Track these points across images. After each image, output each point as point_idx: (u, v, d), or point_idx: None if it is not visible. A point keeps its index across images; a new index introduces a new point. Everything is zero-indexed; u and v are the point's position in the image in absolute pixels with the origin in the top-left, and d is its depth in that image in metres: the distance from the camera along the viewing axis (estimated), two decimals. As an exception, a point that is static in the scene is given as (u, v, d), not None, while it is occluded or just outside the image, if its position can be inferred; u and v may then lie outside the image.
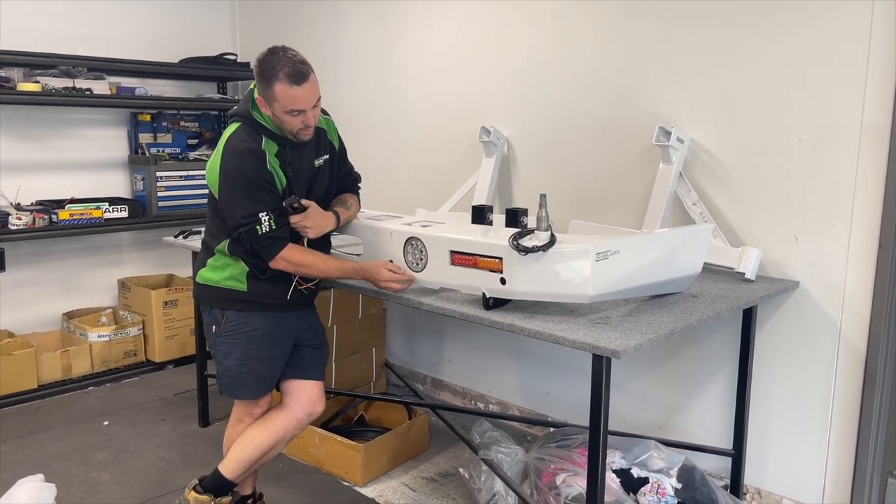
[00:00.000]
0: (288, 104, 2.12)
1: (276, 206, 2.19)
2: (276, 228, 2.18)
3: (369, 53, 4.03)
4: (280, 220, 2.20)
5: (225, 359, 2.35)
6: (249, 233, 2.17)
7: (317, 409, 2.45)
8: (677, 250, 2.20)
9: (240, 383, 2.36)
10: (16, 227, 3.75)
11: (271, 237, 2.18)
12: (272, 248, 2.20)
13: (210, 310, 2.38)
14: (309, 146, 2.34)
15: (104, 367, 4.14)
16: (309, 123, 2.20)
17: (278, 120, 2.18)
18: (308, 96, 2.14)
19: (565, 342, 1.90)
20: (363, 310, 3.81)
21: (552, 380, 3.42)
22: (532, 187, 3.34)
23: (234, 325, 2.32)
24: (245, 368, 2.34)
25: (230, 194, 2.18)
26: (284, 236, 2.22)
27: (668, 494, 2.46)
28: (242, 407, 2.45)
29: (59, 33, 4.13)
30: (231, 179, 2.17)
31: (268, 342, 2.34)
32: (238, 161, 2.16)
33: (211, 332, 2.39)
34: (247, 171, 2.15)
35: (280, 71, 2.09)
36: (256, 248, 2.20)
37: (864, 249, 2.43)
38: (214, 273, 2.34)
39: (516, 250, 1.97)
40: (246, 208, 2.16)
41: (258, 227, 2.16)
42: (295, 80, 2.10)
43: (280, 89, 2.10)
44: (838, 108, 2.43)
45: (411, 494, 2.94)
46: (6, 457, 3.22)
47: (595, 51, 3.05)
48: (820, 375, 2.57)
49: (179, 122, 4.61)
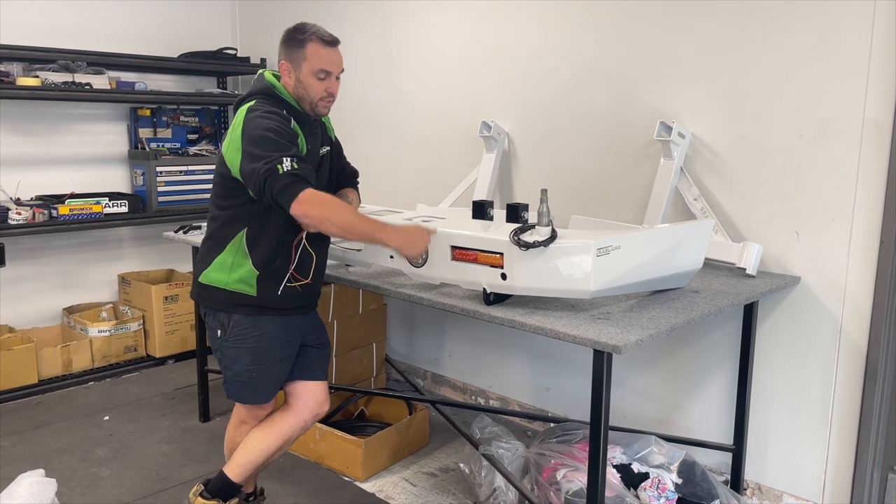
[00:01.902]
0: (318, 63, 2.18)
1: (300, 155, 2.08)
2: (299, 168, 2.03)
3: (370, 48, 4.02)
4: (304, 165, 2.06)
5: (234, 364, 2.29)
6: (270, 174, 2.00)
7: (323, 410, 2.44)
8: (678, 246, 2.19)
9: (250, 388, 2.31)
10: (16, 222, 3.75)
11: (294, 175, 2.01)
12: (293, 188, 2.00)
13: (215, 313, 2.30)
14: (317, 132, 2.33)
15: (104, 362, 4.14)
16: (332, 92, 2.24)
17: (302, 87, 2.20)
18: (337, 60, 2.24)
19: (566, 337, 1.90)
20: (363, 305, 3.81)
21: (553, 375, 3.42)
22: (533, 182, 3.33)
23: (243, 330, 2.25)
24: (255, 373, 2.28)
25: (253, 154, 2.05)
26: (307, 178, 2.04)
27: (668, 489, 2.46)
28: (247, 410, 2.40)
29: (59, 28, 4.12)
30: (255, 136, 2.07)
31: (277, 345, 2.29)
32: (263, 120, 2.10)
33: (216, 336, 2.31)
34: (273, 127, 2.09)
35: (314, 33, 2.20)
36: (277, 189, 2.01)
37: (865, 245, 2.42)
38: (223, 274, 2.24)
39: (517, 245, 1.97)
40: (268, 157, 2.02)
41: (279, 167, 2.00)
42: (328, 40, 2.21)
43: (313, 49, 2.18)
44: (840, 102, 2.42)
45: (412, 489, 2.95)
46: (6, 452, 3.23)
47: (596, 45, 3.04)
48: (821, 371, 2.57)
49: (179, 116, 4.60)
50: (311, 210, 2.03)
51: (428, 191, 3.69)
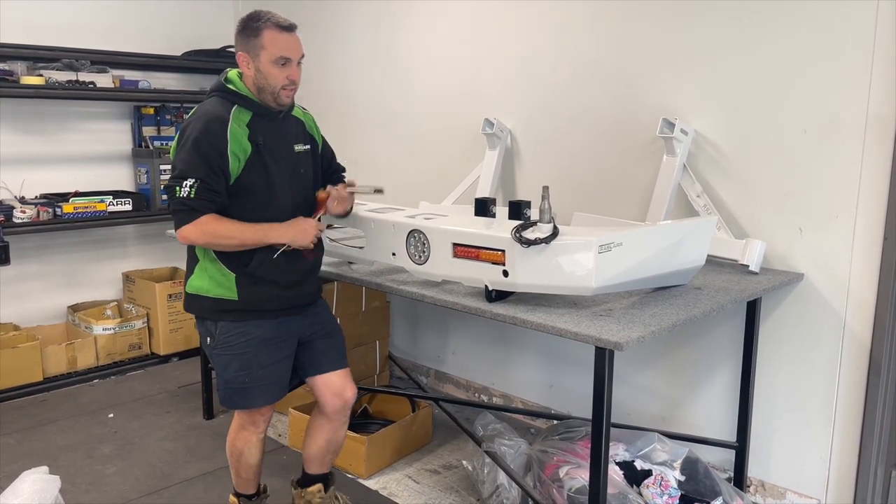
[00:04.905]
0: (276, 51, 2.11)
1: (208, 179, 2.06)
2: (194, 198, 2.05)
3: (373, 45, 4.02)
4: (203, 192, 2.06)
5: (224, 370, 2.26)
6: (169, 193, 2.08)
7: (345, 398, 2.42)
8: (681, 242, 2.19)
9: (243, 393, 2.27)
10: (20, 220, 3.76)
11: (185, 204, 2.05)
12: (181, 217, 2.07)
13: (203, 321, 2.28)
14: (288, 127, 2.27)
15: (109, 359, 4.15)
16: (294, 79, 2.17)
17: (262, 77, 2.14)
18: (295, 45, 2.16)
19: (568, 334, 1.90)
20: (366, 303, 3.81)
21: (555, 372, 3.42)
22: (535, 180, 3.33)
23: (229, 336, 2.22)
24: (247, 378, 2.24)
25: (175, 157, 2.13)
26: (199, 210, 2.06)
27: (671, 487, 2.46)
28: (246, 415, 2.36)
29: (63, 26, 4.13)
30: (180, 142, 2.12)
31: (267, 348, 2.24)
32: (195, 124, 2.10)
33: (206, 343, 2.30)
34: (198, 136, 2.07)
35: (269, 20, 2.13)
36: (171, 211, 2.10)
37: (869, 241, 2.42)
38: (202, 281, 2.22)
39: (519, 242, 1.97)
40: (177, 170, 2.08)
41: (177, 189, 2.05)
42: (284, 26, 2.14)
43: (269, 35, 2.11)
44: (844, 99, 2.41)
45: (415, 487, 2.95)
46: (12, 449, 3.24)
47: (599, 42, 3.04)
48: (824, 368, 2.57)
49: (183, 115, 4.60)
50: (196, 240, 2.12)
51: (431, 188, 3.69)
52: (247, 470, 2.43)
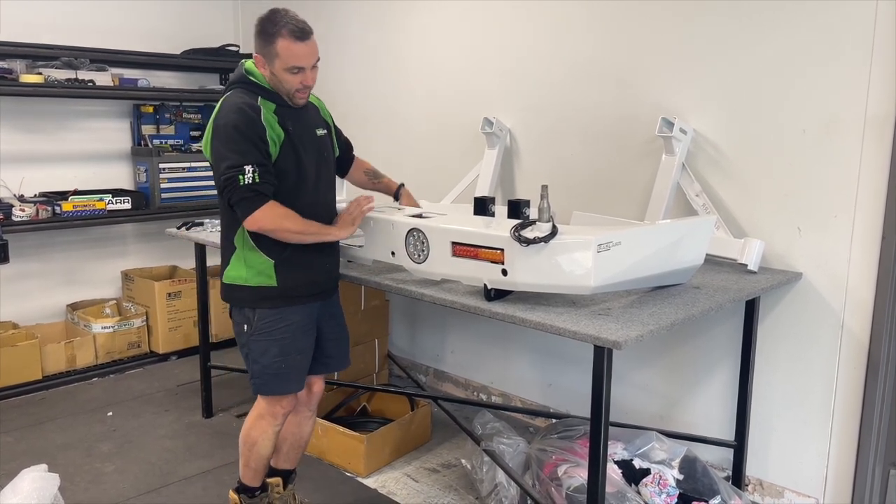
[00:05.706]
0: (289, 60, 2.13)
1: (264, 163, 2.12)
2: (259, 182, 2.10)
3: (372, 44, 4.02)
4: (266, 176, 2.12)
5: (262, 356, 2.29)
6: (230, 183, 2.09)
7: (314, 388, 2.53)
8: (680, 241, 2.19)
9: (280, 378, 2.32)
10: (19, 218, 3.76)
11: (253, 190, 2.09)
12: (251, 203, 2.10)
13: (241, 309, 2.31)
14: (309, 114, 2.33)
15: (108, 358, 4.15)
16: (307, 83, 2.21)
17: (276, 80, 2.18)
18: (309, 53, 2.17)
19: (567, 333, 1.90)
20: (365, 301, 3.81)
21: (554, 371, 3.43)
22: (534, 178, 3.33)
23: (268, 322, 2.26)
24: (285, 364, 2.29)
25: (219, 150, 2.14)
26: (266, 193, 2.12)
27: (669, 485, 2.46)
28: (269, 405, 2.37)
29: (62, 25, 4.12)
30: (221, 134, 2.13)
31: (302, 334, 2.32)
32: (231, 115, 2.13)
33: (242, 331, 2.32)
34: (238, 124, 2.11)
35: (283, 28, 2.12)
36: (235, 201, 2.11)
37: (867, 241, 2.42)
38: (240, 270, 2.26)
39: (518, 241, 1.97)
40: (231, 160, 2.10)
41: (240, 177, 2.08)
42: (297, 36, 2.13)
43: (282, 45, 2.12)
44: (842, 99, 2.41)
45: (414, 485, 2.95)
46: (11, 447, 3.24)
47: (598, 41, 3.04)
48: (822, 367, 2.57)
49: (182, 113, 4.61)
50: (266, 225, 2.14)
51: (430, 187, 3.68)
52: (257, 461, 2.44)
